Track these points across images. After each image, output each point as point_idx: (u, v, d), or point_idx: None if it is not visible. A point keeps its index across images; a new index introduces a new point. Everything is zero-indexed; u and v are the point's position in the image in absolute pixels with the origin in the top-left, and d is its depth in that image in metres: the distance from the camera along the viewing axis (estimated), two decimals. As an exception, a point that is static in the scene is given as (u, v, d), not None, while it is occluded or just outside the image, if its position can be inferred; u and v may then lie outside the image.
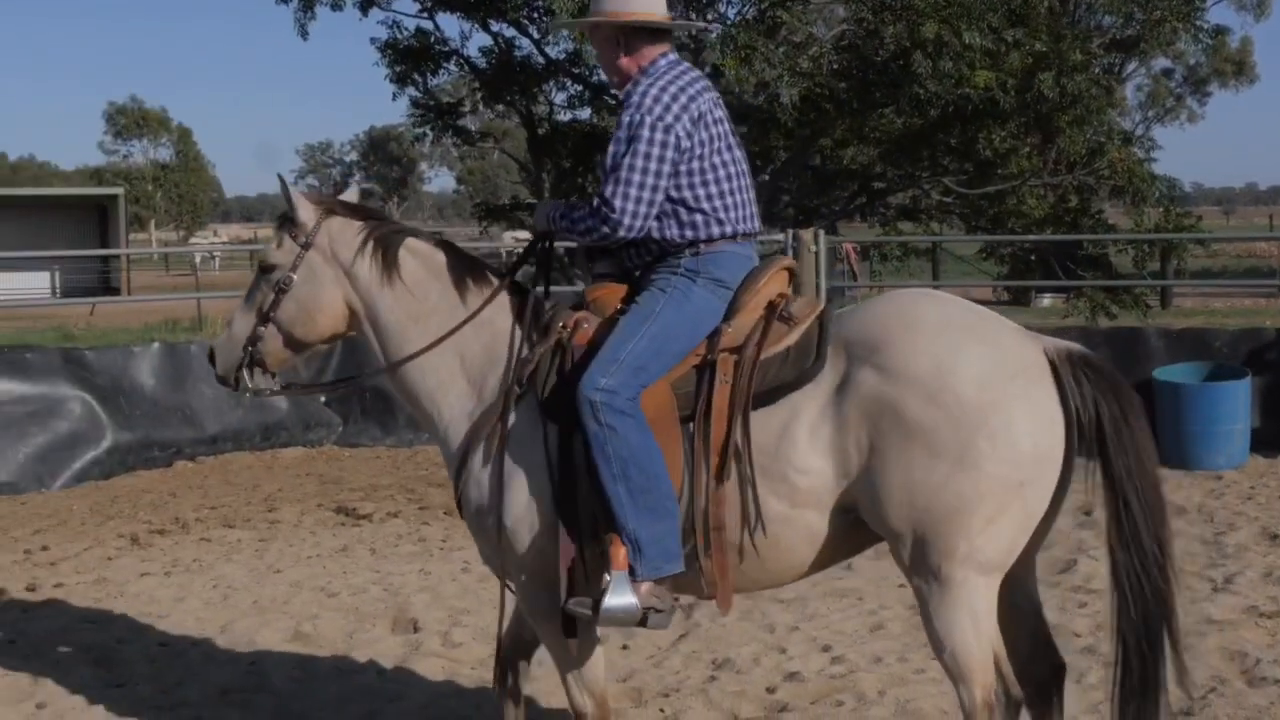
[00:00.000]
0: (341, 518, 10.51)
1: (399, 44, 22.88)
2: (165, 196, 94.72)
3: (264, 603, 8.16)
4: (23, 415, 11.82)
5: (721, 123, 4.99)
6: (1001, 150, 21.91)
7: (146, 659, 7.12)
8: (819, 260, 14.99)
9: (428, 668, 6.93)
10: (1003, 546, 4.56)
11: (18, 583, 8.70)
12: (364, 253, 5.10)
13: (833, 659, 6.96)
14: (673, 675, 6.72)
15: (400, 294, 5.08)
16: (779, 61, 18.12)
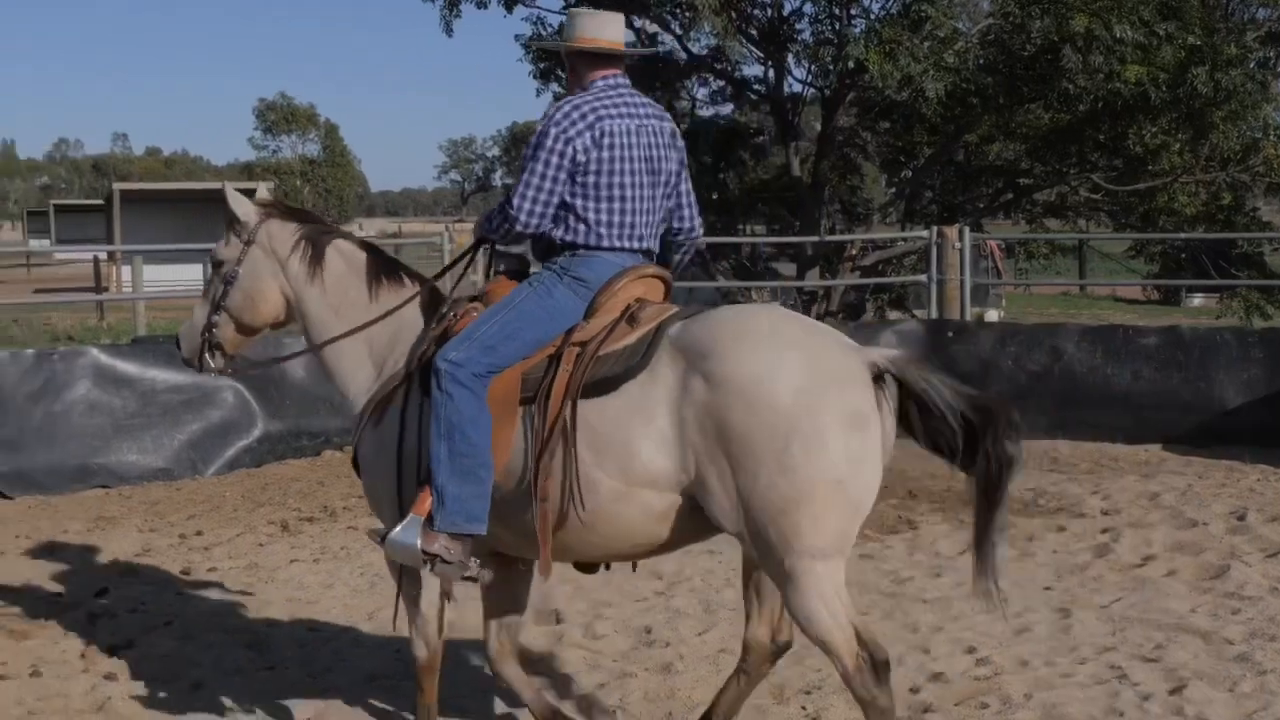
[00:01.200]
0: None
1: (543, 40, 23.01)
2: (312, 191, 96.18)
3: (410, 591, 8.28)
4: (178, 404, 12.09)
5: (636, 147, 5.45)
6: (1152, 146, 21.49)
7: (296, 643, 7.27)
8: (963, 257, 14.87)
9: (570, 659, 6.99)
10: (834, 536, 4.95)
11: (173, 566, 8.92)
12: (296, 250, 5.84)
13: (977, 661, 6.90)
14: (814, 673, 6.70)
15: (324, 288, 5.81)
16: (924, 56, 17.93)
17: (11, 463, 11.27)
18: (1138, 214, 22.50)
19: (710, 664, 6.86)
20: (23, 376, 11.59)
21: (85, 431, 11.68)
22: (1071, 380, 13.60)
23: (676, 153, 5.66)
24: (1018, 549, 9.27)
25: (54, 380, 11.72)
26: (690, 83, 24.19)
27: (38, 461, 11.38)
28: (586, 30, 5.59)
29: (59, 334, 25.32)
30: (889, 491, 11.01)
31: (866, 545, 9.40)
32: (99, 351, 12.21)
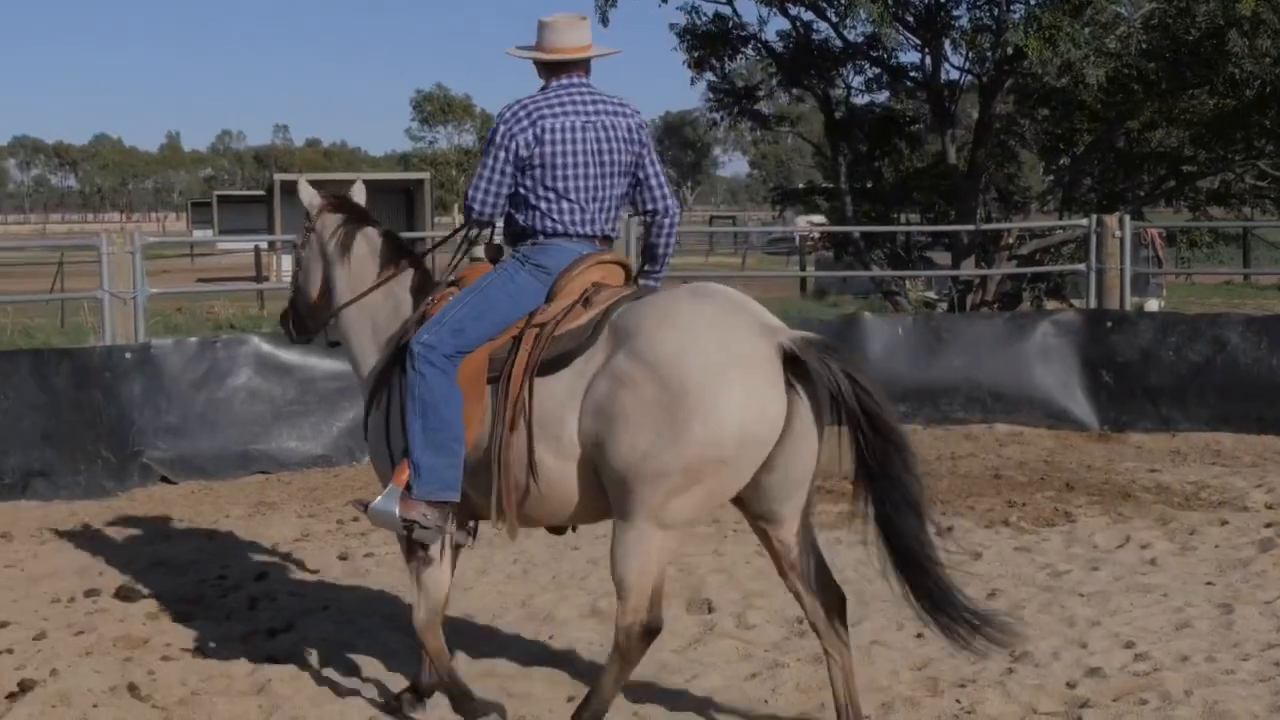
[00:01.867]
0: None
1: (697, 29, 22.99)
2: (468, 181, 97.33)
3: (562, 578, 8.35)
4: (335, 392, 12.28)
5: (580, 142, 5.94)
6: (1322, 132, 20.96)
7: (451, 629, 7.34)
8: (1123, 246, 14.59)
9: (722, 649, 6.99)
10: (688, 512, 5.38)
11: (331, 551, 9.08)
12: (334, 236, 6.59)
13: (1136, 656, 6.78)
14: (970, 666, 6.63)
15: (348, 269, 6.50)
16: (1084, 42, 17.64)
17: (175, 448, 11.55)
18: (1307, 201, 21.95)
19: (863, 655, 6.80)
20: (186, 364, 11.86)
21: (246, 418, 11.92)
22: (1235, 371, 13.30)
23: (634, 144, 6.13)
24: (1178, 543, 9.10)
25: (216, 368, 11.97)
26: (845, 70, 23.99)
27: (200, 447, 11.65)
28: (546, 41, 6.07)
29: (221, 322, 25.88)
30: (1045, 483, 10.88)
31: (1022, 537, 9.29)
32: (260, 340, 12.45)
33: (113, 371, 11.42)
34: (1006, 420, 13.66)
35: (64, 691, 6.34)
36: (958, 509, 10.14)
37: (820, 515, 9.85)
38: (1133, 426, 13.41)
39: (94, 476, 10.98)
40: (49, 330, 24.15)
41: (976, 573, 8.35)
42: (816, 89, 23.61)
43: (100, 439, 11.14)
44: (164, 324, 23.15)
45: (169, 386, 11.70)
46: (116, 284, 12.02)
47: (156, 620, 7.54)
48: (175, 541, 9.40)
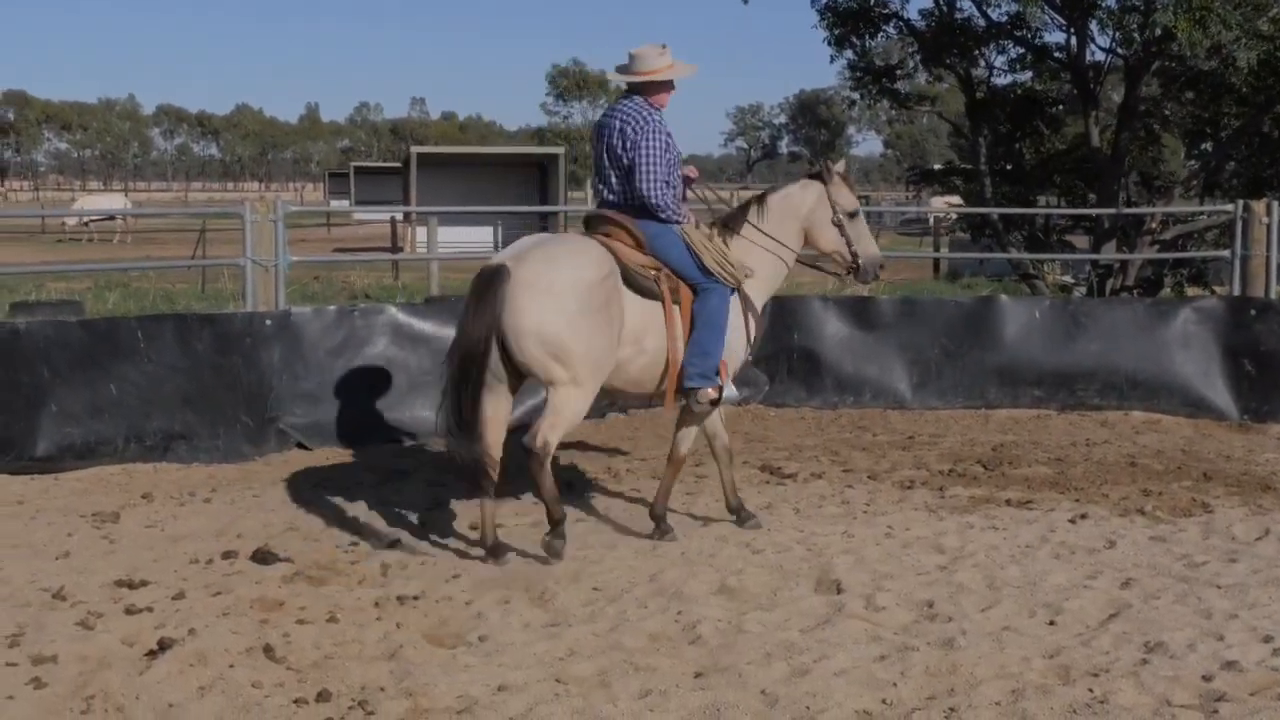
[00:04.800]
0: (766, 476, 10.66)
1: (839, 6, 22.86)
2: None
3: (691, 555, 8.36)
4: (466, 363, 12.36)
5: (602, 140, 8.74)
6: None
7: (582, 602, 7.40)
8: (1270, 233, 14.28)
9: (850, 630, 6.95)
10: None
11: (462, 520, 9.16)
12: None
13: (1274, 650, 6.63)
14: (1102, 655, 6.55)
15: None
16: (1236, 23, 17.26)
17: (312, 415, 11.72)
18: None
19: (993, 640, 6.75)
20: (324, 332, 12.01)
21: (382, 387, 12.05)
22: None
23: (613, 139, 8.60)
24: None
25: (353, 337, 12.12)
26: (988, 49, 23.73)
27: (336, 414, 11.80)
28: (627, 69, 8.80)
29: (356, 292, 26.23)
30: (1182, 473, 10.70)
31: (1158, 527, 9.14)
32: (396, 309, 12.58)
33: (253, 338, 11.59)
34: (1144, 408, 13.45)
35: (201, 651, 6.46)
36: (1092, 496, 10.00)
37: (951, 499, 9.83)
38: (1274, 417, 13.12)
39: (232, 441, 11.18)
40: (190, 295, 24.61)
41: (1110, 562, 8.25)
42: (958, 68, 23.39)
43: (239, 404, 11.32)
44: (301, 292, 23.53)
45: (306, 354, 11.86)
46: (259, 251, 12.22)
47: (291, 584, 7.66)
48: (310, 507, 9.54)
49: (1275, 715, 5.78)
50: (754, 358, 13.51)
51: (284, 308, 12.23)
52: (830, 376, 13.76)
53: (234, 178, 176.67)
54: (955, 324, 13.87)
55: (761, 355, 13.61)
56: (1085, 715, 5.83)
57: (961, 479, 10.63)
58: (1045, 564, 8.21)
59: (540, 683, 6.19)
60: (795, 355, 13.80)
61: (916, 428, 12.61)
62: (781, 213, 8.89)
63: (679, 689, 6.12)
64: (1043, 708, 5.88)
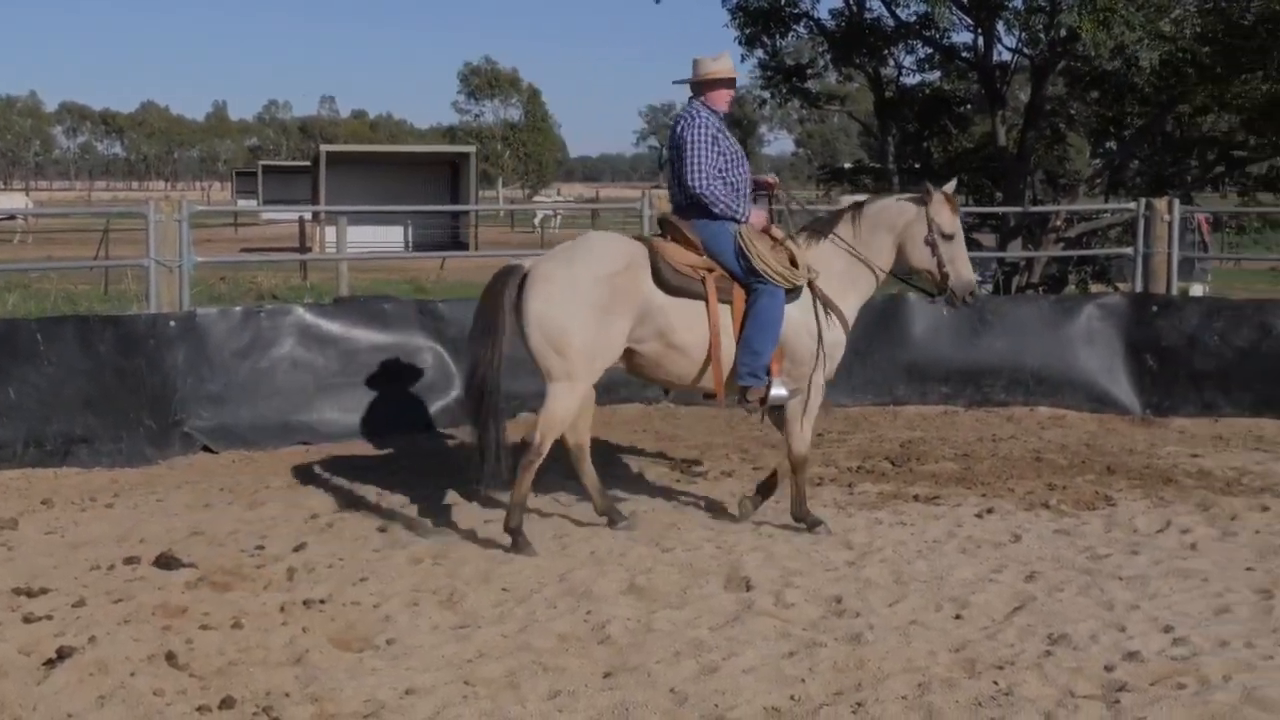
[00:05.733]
0: (677, 474, 10.67)
1: (750, 6, 22.91)
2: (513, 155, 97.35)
3: (601, 554, 8.35)
4: (378, 363, 12.31)
5: (671, 139, 9.06)
6: (1375, 119, 20.73)
7: (491, 604, 7.37)
8: (1172, 230, 14.49)
9: (759, 626, 6.97)
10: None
11: (370, 523, 9.11)
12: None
13: (1174, 640, 6.74)
14: (1007, 648, 6.62)
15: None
16: (1139, 24, 17.49)
17: (217, 417, 11.59)
18: (1357, 188, 21.75)
19: (900, 635, 6.80)
20: (230, 333, 11.88)
21: (289, 388, 11.95)
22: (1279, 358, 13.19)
23: (671, 142, 9.01)
24: (1219, 528, 9.06)
25: (260, 338, 12.00)
26: (897, 49, 23.88)
27: (242, 417, 11.69)
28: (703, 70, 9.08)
29: (264, 292, 26.00)
30: (1086, 467, 10.84)
31: (1062, 520, 9.26)
32: (304, 310, 12.48)
33: (157, 339, 11.45)
34: (1049, 403, 13.61)
35: (102, 659, 6.37)
36: (998, 491, 10.11)
37: (860, 496, 9.89)
38: (1176, 411, 13.33)
39: (135, 444, 11.02)
40: (93, 297, 24.30)
41: (1016, 556, 8.34)
42: (867, 67, 23.51)
43: (143, 407, 11.17)
44: (207, 293, 23.28)
45: (212, 355, 11.73)
46: (163, 252, 12.06)
47: (195, 589, 7.57)
48: (215, 511, 9.45)
49: (1175, 704, 5.86)
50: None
51: (189, 309, 12.09)
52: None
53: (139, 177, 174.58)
54: (864, 322, 13.92)
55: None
56: (990, 708, 5.88)
57: (870, 475, 10.70)
58: (952, 558, 8.29)
59: (449, 685, 6.15)
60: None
61: (825, 425, 12.68)
62: (875, 224, 9.02)
63: (588, 689, 6.11)
64: (948, 701, 5.93)
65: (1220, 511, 9.49)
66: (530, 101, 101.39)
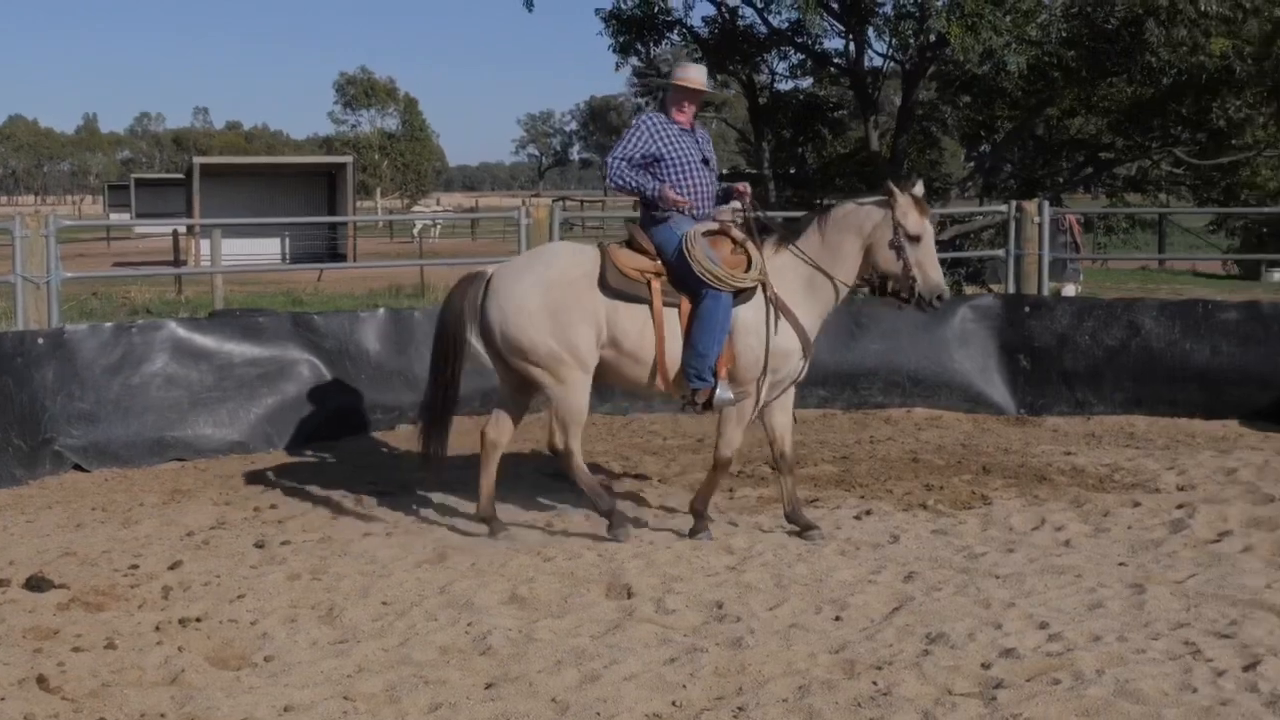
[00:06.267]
0: (557, 484, 10.64)
1: (623, 14, 22.99)
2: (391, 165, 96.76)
3: (482, 565, 8.31)
4: (254, 378, 12.18)
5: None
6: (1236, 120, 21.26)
7: (371, 617, 7.30)
8: (1042, 232, 14.74)
9: (640, 634, 6.98)
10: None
11: (247, 539, 8.99)
12: None
13: (1049, 636, 6.84)
14: (886, 648, 6.68)
15: None
16: (1006, 29, 17.80)
17: (89, 435, 11.38)
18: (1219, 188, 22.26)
19: (781, 638, 6.83)
20: (101, 349, 11.67)
21: (162, 404, 11.77)
22: (1149, 355, 13.46)
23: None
24: (1092, 524, 9.21)
25: (132, 354, 11.80)
26: (770, 56, 24.10)
27: (115, 434, 11.49)
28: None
29: (137, 307, 25.59)
30: (963, 467, 10.97)
31: (939, 520, 9.36)
32: (177, 325, 12.29)
33: (24, 357, 11.22)
34: (925, 404, 13.77)
35: (-29, 683, 6.23)
36: (876, 493, 10.21)
37: (740, 500, 9.94)
38: (1049, 410, 13.55)
39: (4, 464, 10.75)
40: (-39, 315, 23.76)
41: (894, 556, 8.42)
42: (741, 75, 23.69)
43: (10, 426, 10.92)
44: (79, 309, 22.85)
45: (82, 372, 11.52)
46: (30, 268, 11.85)
47: (67, 611, 7.43)
48: (87, 530, 9.28)
49: (1050, 699, 5.94)
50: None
51: (58, 325, 11.87)
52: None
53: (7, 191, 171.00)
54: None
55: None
56: (869, 708, 5.93)
57: (750, 480, 10.76)
58: (831, 560, 8.35)
59: (328, 701, 6.09)
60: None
61: (706, 431, 12.70)
62: (840, 229, 8.94)
63: (469, 701, 6.08)
64: (828, 702, 5.97)
65: (1093, 508, 9.65)
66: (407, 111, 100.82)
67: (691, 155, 9.06)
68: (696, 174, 9.06)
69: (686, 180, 8.99)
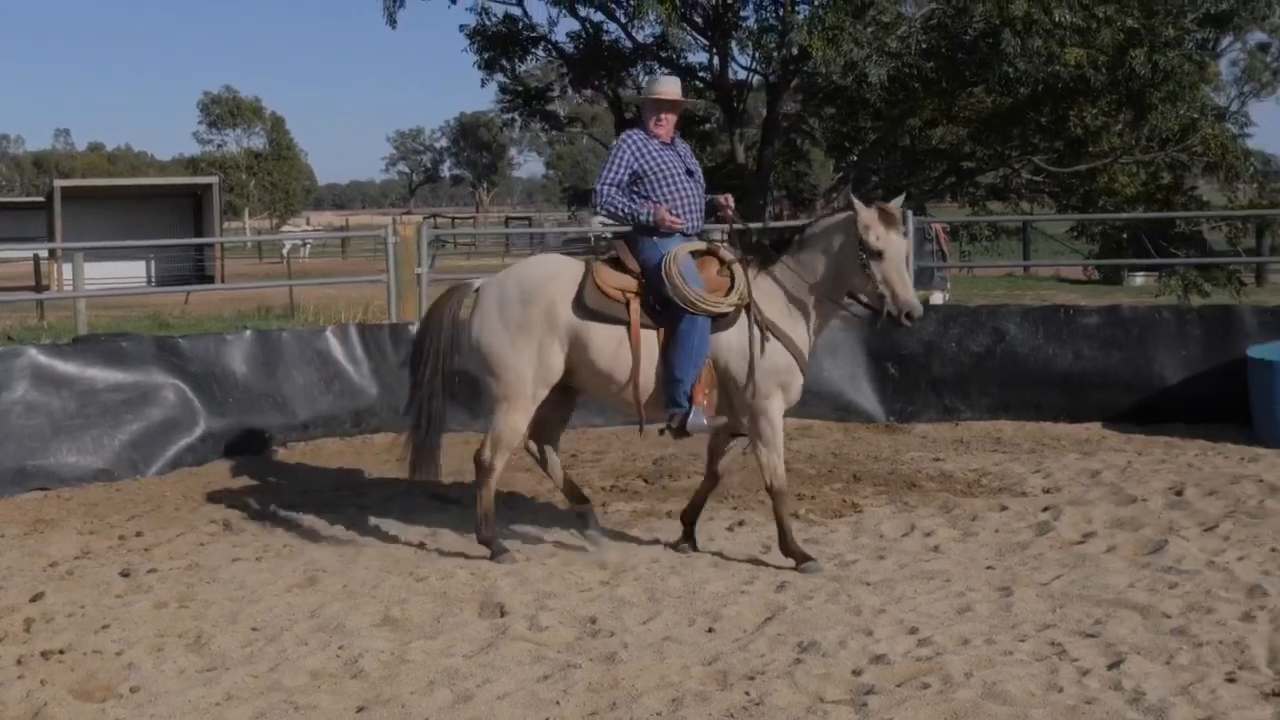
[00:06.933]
0: (433, 503, 10.58)
1: (487, 30, 22.97)
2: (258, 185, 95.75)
3: (353, 587, 8.23)
4: (118, 403, 11.96)
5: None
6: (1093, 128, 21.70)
7: (240, 644, 7.20)
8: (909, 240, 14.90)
9: (514, 651, 6.96)
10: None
11: (113, 568, 8.83)
12: None
13: (919, 641, 6.93)
14: (758, 658, 6.72)
15: None
16: (867, 41, 18.02)
17: (-53, 466, 11.12)
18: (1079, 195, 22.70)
19: (654, 652, 6.85)
20: (-42, 378, 11.41)
21: (23, 433, 11.51)
22: (1014, 361, 13.69)
23: None
24: (960, 529, 9.34)
25: (-10, 381, 11.54)
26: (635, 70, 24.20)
27: (-26, 464, 11.22)
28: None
29: (-2, 334, 25.05)
30: (833, 475, 11.07)
31: (811, 529, 9.44)
32: (37, 351, 12.03)
33: (-122, 387, 10.94)
34: (795, 414, 13.80)
35: None
36: (749, 503, 10.27)
37: (614, 515, 9.94)
38: (918, 417, 13.72)
39: None
40: None
41: (768, 563, 8.48)
42: (606, 89, 23.76)
43: None
44: (-63, 337, 22.35)
45: (-61, 402, 11.24)
46: (-119, 297, 11.54)
47: (-75, 646, 7.25)
48: (-52, 563, 9.06)
49: (920, 703, 6.02)
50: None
51: (-88, 354, 11.58)
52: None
53: None
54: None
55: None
56: (742, 718, 5.97)
57: (623, 494, 10.77)
58: (704, 573, 8.38)
59: (196, 730, 6.00)
60: (456, 379, 13.68)
61: (579, 446, 12.71)
62: (812, 247, 8.62)
63: (340, 725, 6.02)
64: (701, 714, 6.00)
65: (962, 513, 9.79)
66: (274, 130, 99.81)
67: (675, 168, 8.81)
68: (682, 187, 8.81)
69: (672, 195, 8.75)
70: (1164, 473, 10.89)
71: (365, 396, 13.34)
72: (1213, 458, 11.51)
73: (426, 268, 14.95)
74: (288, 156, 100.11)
